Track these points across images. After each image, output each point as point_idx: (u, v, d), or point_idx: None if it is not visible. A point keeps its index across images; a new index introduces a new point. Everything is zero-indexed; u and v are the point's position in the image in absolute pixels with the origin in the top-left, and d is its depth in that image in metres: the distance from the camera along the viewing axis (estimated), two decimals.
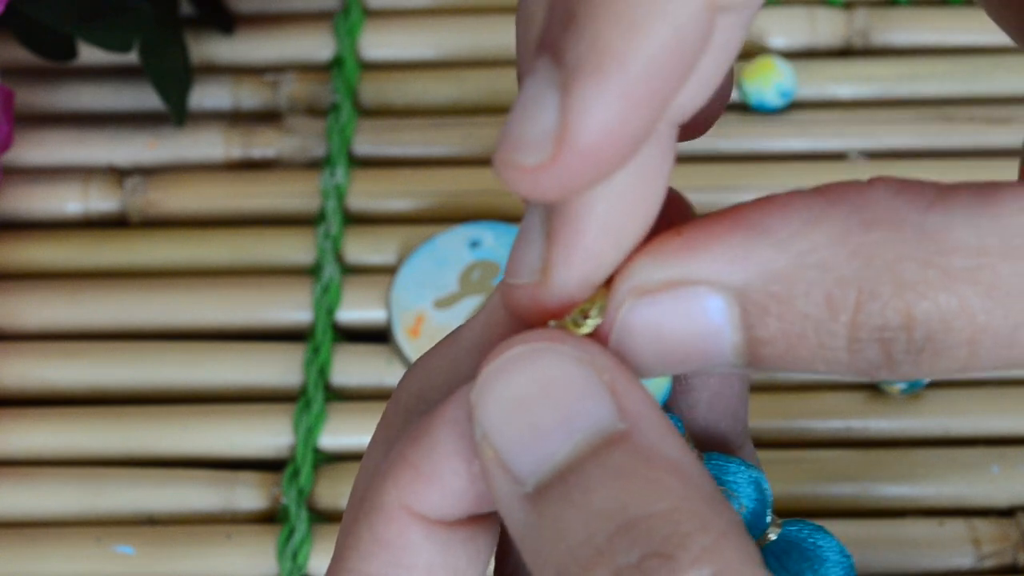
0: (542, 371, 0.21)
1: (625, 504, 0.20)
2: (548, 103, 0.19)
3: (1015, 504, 0.43)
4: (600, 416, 0.21)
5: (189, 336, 0.47)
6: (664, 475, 0.20)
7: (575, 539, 0.20)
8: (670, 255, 0.22)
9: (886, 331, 0.21)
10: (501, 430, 0.21)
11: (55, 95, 0.52)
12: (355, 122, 0.51)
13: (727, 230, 0.22)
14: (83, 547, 0.43)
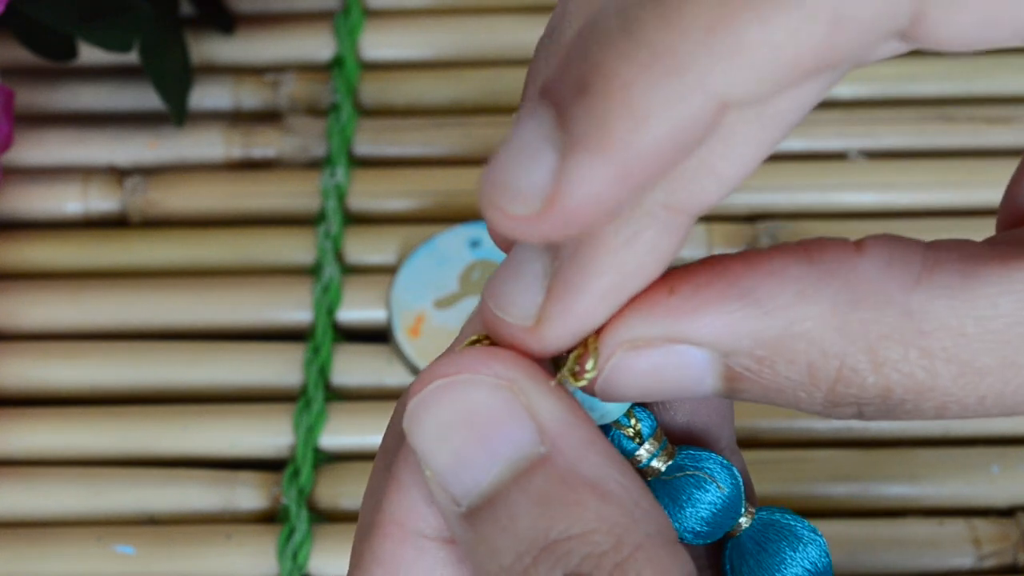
0: (463, 400, 0.22)
1: (547, 528, 0.21)
2: (543, 160, 0.20)
3: (1015, 504, 0.43)
4: (520, 441, 0.22)
5: (189, 336, 0.47)
6: (583, 495, 0.22)
7: (506, 559, 0.22)
8: (662, 314, 0.23)
9: (863, 399, 0.23)
10: (433, 455, 0.22)
11: (55, 95, 0.52)
12: (355, 122, 0.51)
13: (719, 296, 0.23)
14: (83, 547, 0.43)
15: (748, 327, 0.22)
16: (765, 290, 0.22)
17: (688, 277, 0.23)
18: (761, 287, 0.22)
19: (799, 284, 0.22)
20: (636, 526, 0.22)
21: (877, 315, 0.22)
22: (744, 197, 0.49)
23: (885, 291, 0.22)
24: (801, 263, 0.23)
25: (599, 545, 0.21)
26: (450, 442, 0.22)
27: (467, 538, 0.22)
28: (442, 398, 0.22)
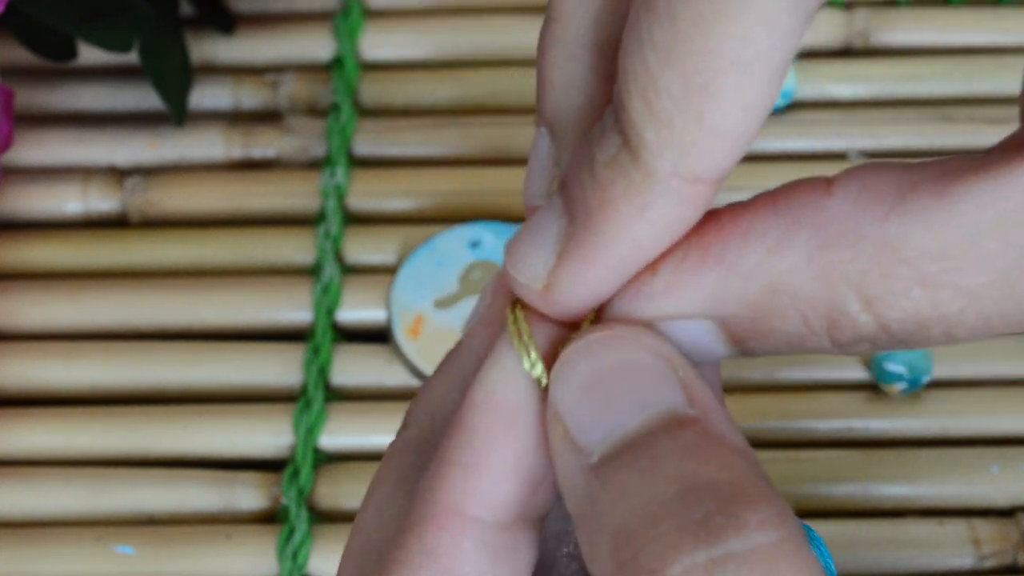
0: (621, 354, 0.22)
1: (694, 471, 0.21)
2: (545, 249, 0.23)
3: (1015, 504, 0.43)
4: (673, 399, 0.22)
5: (189, 336, 0.47)
6: (732, 455, 0.21)
7: (639, 500, 0.21)
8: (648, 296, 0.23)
9: (865, 337, 0.22)
10: (574, 406, 0.22)
11: (55, 95, 0.52)
12: (355, 122, 0.51)
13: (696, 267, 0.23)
14: (83, 547, 0.43)
15: (730, 293, 0.22)
16: (737, 252, 0.22)
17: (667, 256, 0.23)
18: (732, 249, 0.22)
19: (769, 239, 0.22)
20: (779, 496, 0.21)
21: (853, 253, 0.22)
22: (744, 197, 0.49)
23: (857, 227, 0.22)
24: (769, 215, 0.22)
25: (750, 492, 0.21)
26: (601, 390, 0.22)
27: (591, 490, 0.22)
28: (601, 349, 0.22)
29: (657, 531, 0.20)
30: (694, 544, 0.20)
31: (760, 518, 0.20)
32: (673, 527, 0.20)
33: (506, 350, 0.23)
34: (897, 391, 0.45)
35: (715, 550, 0.20)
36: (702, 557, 0.20)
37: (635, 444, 0.21)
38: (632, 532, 0.21)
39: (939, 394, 0.45)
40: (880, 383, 0.45)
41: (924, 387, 0.45)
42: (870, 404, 0.45)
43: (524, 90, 0.52)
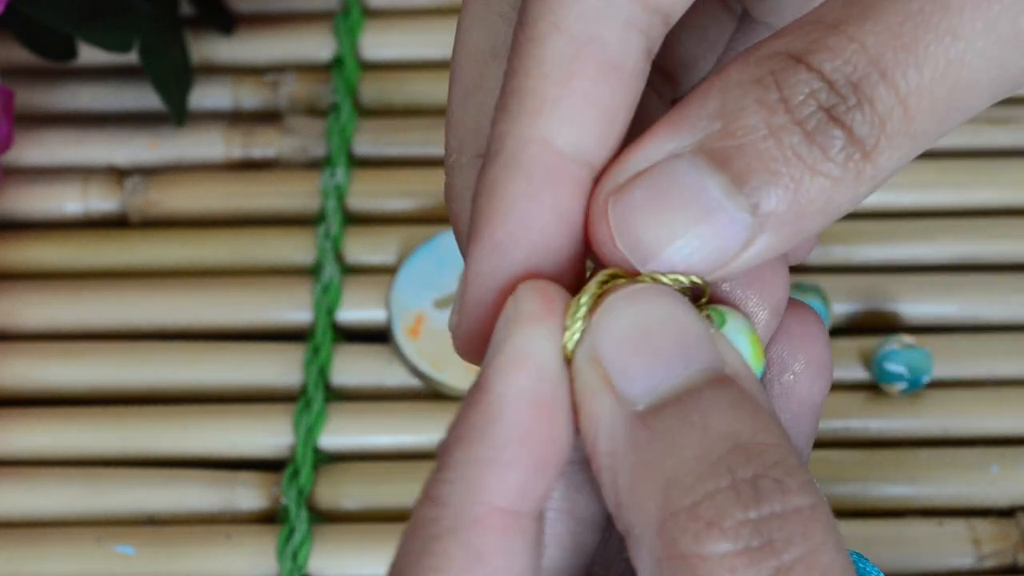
0: (667, 308, 0.23)
1: (740, 430, 0.22)
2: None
3: (1015, 504, 0.43)
4: (714, 358, 0.23)
5: (189, 336, 0.47)
6: (770, 419, 0.22)
7: (691, 453, 0.22)
8: (624, 155, 0.23)
9: (814, 96, 0.22)
10: (618, 352, 0.23)
11: (55, 95, 0.52)
12: (355, 122, 0.51)
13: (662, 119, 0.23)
14: (83, 547, 0.43)
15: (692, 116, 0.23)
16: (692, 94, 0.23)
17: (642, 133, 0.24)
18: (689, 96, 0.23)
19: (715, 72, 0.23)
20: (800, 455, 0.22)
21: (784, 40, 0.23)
22: None
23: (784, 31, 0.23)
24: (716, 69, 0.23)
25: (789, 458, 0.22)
26: (648, 340, 0.22)
27: (637, 437, 0.22)
28: (647, 300, 0.23)
29: (710, 487, 0.21)
30: (745, 503, 0.21)
31: (799, 483, 0.21)
32: (726, 484, 0.21)
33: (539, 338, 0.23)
34: (897, 391, 0.45)
35: (763, 509, 0.21)
36: (753, 515, 0.21)
37: (683, 397, 0.22)
38: (686, 485, 0.21)
39: (939, 394, 0.45)
40: (880, 383, 0.45)
41: (924, 387, 0.45)
42: (870, 404, 0.45)
43: None
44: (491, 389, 0.23)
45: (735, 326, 0.24)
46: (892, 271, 0.48)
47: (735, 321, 0.24)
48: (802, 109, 0.22)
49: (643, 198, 0.23)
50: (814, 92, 0.22)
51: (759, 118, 0.22)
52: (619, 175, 0.23)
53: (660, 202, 0.23)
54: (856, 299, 0.47)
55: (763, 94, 0.22)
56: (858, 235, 0.48)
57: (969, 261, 0.48)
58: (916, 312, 0.47)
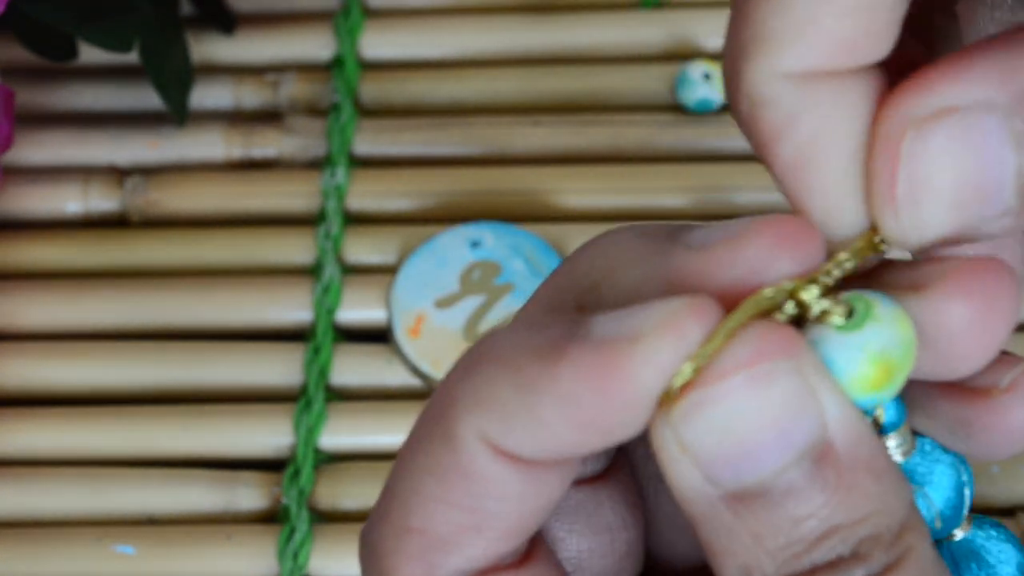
0: (757, 395, 0.21)
1: (827, 515, 0.21)
2: None
3: (1015, 504, 0.43)
4: (809, 430, 0.21)
5: (189, 336, 0.47)
6: (863, 480, 0.21)
7: (773, 544, 0.21)
8: (935, 82, 0.21)
9: None
10: (706, 446, 0.21)
11: (55, 95, 0.52)
12: (355, 122, 0.51)
13: (985, 51, 0.21)
14: (83, 547, 0.43)
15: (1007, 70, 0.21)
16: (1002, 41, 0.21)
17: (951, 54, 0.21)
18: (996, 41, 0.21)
19: None
20: (907, 507, 0.21)
21: None
22: (744, 197, 0.49)
23: None
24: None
25: (878, 526, 0.21)
26: (735, 435, 0.21)
27: (721, 518, 0.21)
28: (733, 393, 0.21)
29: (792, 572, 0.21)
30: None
31: (887, 559, 0.21)
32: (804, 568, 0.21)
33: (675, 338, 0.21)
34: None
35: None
36: None
37: (769, 485, 0.21)
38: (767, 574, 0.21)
39: None
40: None
41: None
42: None
43: (524, 90, 0.52)
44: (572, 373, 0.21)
45: (868, 338, 0.21)
46: None
47: (875, 330, 0.21)
48: None
49: (945, 144, 0.21)
50: None
51: None
52: (923, 104, 0.21)
53: (959, 156, 0.21)
54: None
55: None
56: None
57: None
58: None
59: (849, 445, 0.21)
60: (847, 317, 0.21)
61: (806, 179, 0.22)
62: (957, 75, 0.21)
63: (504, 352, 0.22)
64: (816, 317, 0.22)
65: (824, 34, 0.21)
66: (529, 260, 0.47)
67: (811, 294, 0.21)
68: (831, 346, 0.21)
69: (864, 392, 0.21)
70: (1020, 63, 0.21)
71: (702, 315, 0.21)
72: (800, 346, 0.21)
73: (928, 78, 0.21)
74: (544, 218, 0.48)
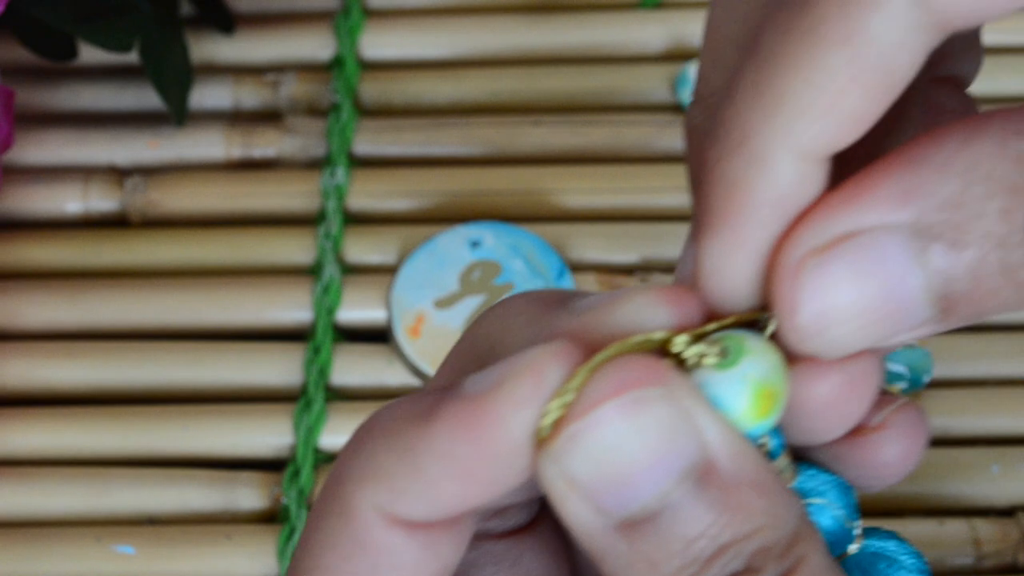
0: (629, 422, 0.21)
1: (716, 533, 0.21)
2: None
3: (1015, 504, 0.43)
4: (687, 452, 0.21)
5: (189, 336, 0.47)
6: (748, 496, 0.21)
7: (669, 568, 0.21)
8: (835, 209, 0.21)
9: None
10: (589, 477, 0.21)
11: (55, 95, 0.52)
12: (355, 122, 0.51)
13: (886, 171, 0.21)
14: (83, 547, 0.43)
15: (922, 188, 0.21)
16: (928, 149, 0.21)
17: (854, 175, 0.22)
18: (923, 149, 0.21)
19: (959, 134, 0.21)
20: (796, 518, 0.22)
21: None
22: None
23: None
24: (958, 122, 0.21)
25: (767, 539, 0.21)
26: (615, 464, 0.21)
27: (616, 549, 0.22)
28: (608, 421, 0.21)
29: None
30: None
31: (780, 568, 0.21)
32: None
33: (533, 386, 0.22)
34: (898, 391, 0.45)
35: None
36: None
37: (657, 511, 0.21)
38: None
39: (939, 394, 0.45)
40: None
41: (924, 387, 0.45)
42: None
43: (524, 90, 0.52)
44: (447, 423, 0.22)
45: (746, 371, 0.22)
46: None
47: (750, 363, 0.22)
48: None
49: (843, 271, 0.21)
50: None
51: (997, 229, 0.21)
52: (822, 232, 0.21)
53: (860, 282, 0.21)
54: None
55: (1012, 208, 0.21)
56: None
57: None
58: None
59: (731, 463, 0.22)
60: (722, 357, 0.22)
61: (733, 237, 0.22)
62: (857, 199, 0.21)
63: (387, 422, 0.23)
64: (694, 362, 0.22)
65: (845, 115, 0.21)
66: (529, 260, 0.47)
67: (681, 340, 0.22)
68: (715, 384, 0.22)
69: (755, 420, 0.22)
70: (920, 180, 0.21)
71: (560, 356, 0.22)
72: (669, 374, 0.22)
73: (828, 205, 0.22)
74: (544, 218, 0.48)
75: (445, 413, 0.22)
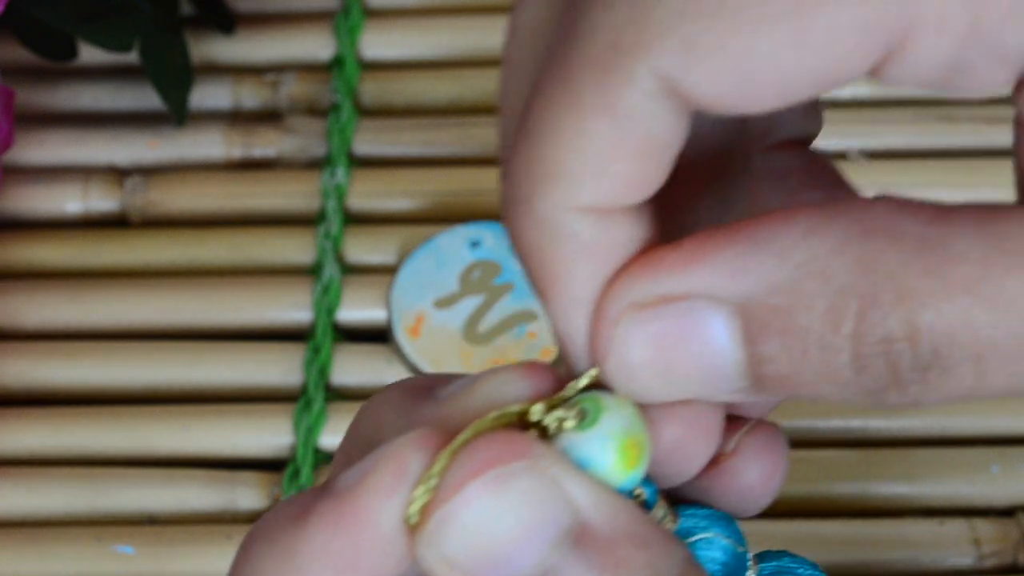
0: (496, 499, 0.22)
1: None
2: None
3: (1015, 504, 0.43)
4: (559, 519, 0.22)
5: (189, 336, 0.47)
6: (627, 550, 0.22)
7: None
8: (666, 269, 0.22)
9: (890, 343, 0.21)
10: (466, 558, 0.22)
11: (55, 95, 0.52)
12: (355, 122, 0.51)
13: (726, 242, 0.22)
14: (83, 547, 0.43)
15: (758, 270, 0.21)
16: (771, 231, 0.21)
17: (696, 234, 0.22)
18: (767, 230, 0.21)
19: (807, 223, 0.21)
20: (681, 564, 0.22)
21: (892, 244, 0.21)
22: None
23: (900, 224, 0.21)
24: (809, 208, 0.21)
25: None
26: (487, 543, 0.22)
27: None
28: (473, 503, 0.22)
29: None
30: None
31: None
32: None
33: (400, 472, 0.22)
34: None
35: None
36: None
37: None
38: None
39: None
40: None
41: None
42: None
43: None
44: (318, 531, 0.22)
45: (607, 427, 0.23)
46: None
47: (609, 419, 0.23)
48: (868, 349, 0.21)
49: (660, 335, 0.22)
50: (891, 344, 0.21)
51: (821, 328, 0.21)
52: (647, 289, 0.22)
53: (675, 349, 0.22)
54: None
55: (839, 310, 0.21)
56: None
57: None
58: None
59: (605, 521, 0.22)
60: (581, 418, 0.23)
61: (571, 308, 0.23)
62: (690, 264, 0.22)
63: (269, 526, 0.23)
64: (556, 428, 0.23)
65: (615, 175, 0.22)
66: None
67: (538, 408, 0.23)
68: (580, 446, 0.22)
69: (626, 473, 0.23)
70: (756, 261, 0.21)
71: (418, 444, 0.22)
72: (529, 445, 0.22)
73: (660, 260, 0.22)
74: None
75: (318, 511, 0.22)
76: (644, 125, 0.21)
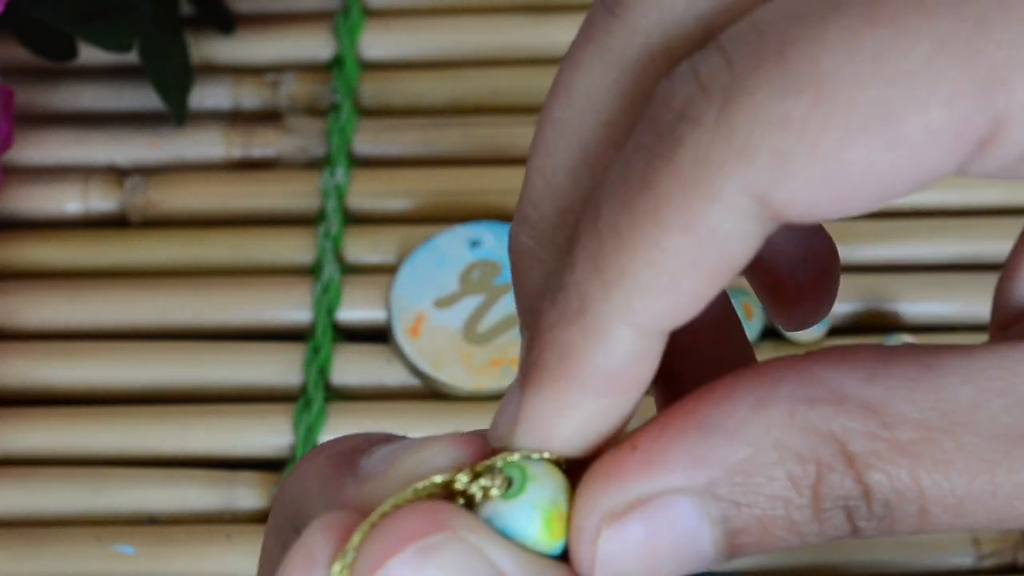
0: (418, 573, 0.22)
1: None
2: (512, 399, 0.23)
3: None
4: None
5: (189, 336, 0.47)
6: None
7: None
8: (630, 474, 0.22)
9: (848, 500, 0.22)
10: None
11: (55, 95, 0.52)
12: (355, 122, 0.51)
13: (679, 434, 0.22)
14: (83, 547, 0.43)
15: (715, 455, 0.22)
16: (720, 414, 0.22)
17: (647, 429, 0.23)
18: (715, 412, 0.22)
19: (751, 396, 0.22)
20: None
21: (837, 410, 0.22)
22: None
23: (840, 387, 0.22)
24: (750, 378, 0.22)
25: None
26: None
27: None
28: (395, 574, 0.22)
29: None
30: None
31: None
32: None
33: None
34: None
35: None
36: None
37: None
38: None
39: None
40: None
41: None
42: None
43: (524, 90, 0.52)
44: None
45: (533, 496, 0.23)
46: (892, 271, 0.48)
47: (535, 488, 0.23)
48: (829, 505, 0.22)
49: (639, 538, 0.22)
50: (849, 499, 0.22)
51: (784, 493, 0.22)
52: (617, 497, 0.22)
53: (657, 547, 0.22)
54: (856, 299, 0.47)
55: (799, 477, 0.22)
56: (857, 234, 0.48)
57: (969, 261, 0.48)
58: (916, 312, 0.47)
59: None
60: (507, 487, 0.22)
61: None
62: (653, 465, 0.22)
63: None
64: (481, 497, 0.22)
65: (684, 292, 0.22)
66: None
67: (463, 477, 0.23)
68: (505, 515, 0.22)
69: (551, 543, 0.22)
70: (711, 447, 0.22)
71: (327, 527, 0.22)
72: (451, 516, 0.22)
73: (624, 466, 0.22)
74: None
75: None
76: (725, 243, 0.22)
